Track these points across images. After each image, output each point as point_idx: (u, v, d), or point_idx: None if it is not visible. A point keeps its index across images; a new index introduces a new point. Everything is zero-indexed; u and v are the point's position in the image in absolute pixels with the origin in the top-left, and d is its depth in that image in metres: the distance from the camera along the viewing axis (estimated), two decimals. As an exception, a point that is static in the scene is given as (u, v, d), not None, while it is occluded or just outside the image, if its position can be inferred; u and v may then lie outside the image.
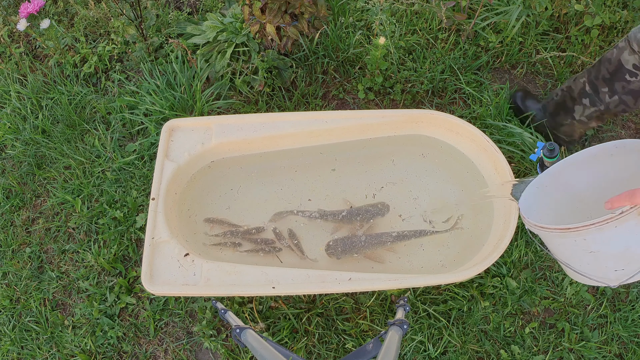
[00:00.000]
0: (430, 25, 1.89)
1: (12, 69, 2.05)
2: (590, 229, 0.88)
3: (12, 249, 1.73)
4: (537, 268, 1.52)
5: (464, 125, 1.49)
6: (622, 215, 0.84)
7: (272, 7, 1.68)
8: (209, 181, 1.57)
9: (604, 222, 0.86)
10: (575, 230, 0.90)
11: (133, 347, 1.54)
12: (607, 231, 0.87)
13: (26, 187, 1.84)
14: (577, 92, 1.50)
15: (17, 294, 1.66)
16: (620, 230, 0.86)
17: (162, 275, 1.34)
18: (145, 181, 1.73)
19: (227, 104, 1.83)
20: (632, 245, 0.88)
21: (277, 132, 1.53)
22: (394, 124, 1.54)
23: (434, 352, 1.43)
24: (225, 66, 1.82)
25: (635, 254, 0.89)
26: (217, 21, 1.86)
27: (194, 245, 1.45)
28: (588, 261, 0.96)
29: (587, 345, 1.42)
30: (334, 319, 1.49)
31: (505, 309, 1.47)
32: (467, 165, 1.54)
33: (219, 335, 1.50)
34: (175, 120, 1.57)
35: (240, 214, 1.54)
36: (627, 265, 0.91)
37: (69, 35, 2.07)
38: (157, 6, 2.09)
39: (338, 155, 1.58)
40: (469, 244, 1.46)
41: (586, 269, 0.98)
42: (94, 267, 1.64)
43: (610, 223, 0.85)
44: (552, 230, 0.95)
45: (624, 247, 0.89)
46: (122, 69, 1.99)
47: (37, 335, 1.59)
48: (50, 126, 1.89)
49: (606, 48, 1.79)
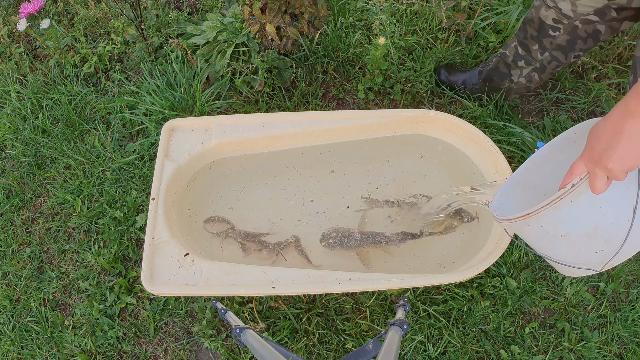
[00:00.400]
0: (430, 25, 1.89)
1: (12, 69, 2.05)
2: (548, 209, 0.86)
3: (12, 249, 1.73)
4: (537, 268, 1.52)
5: (464, 125, 1.49)
6: (574, 188, 0.83)
7: (272, 7, 1.68)
8: (209, 181, 1.57)
9: (557, 199, 0.84)
10: (535, 213, 0.88)
11: (133, 347, 1.54)
12: (566, 208, 0.85)
13: (26, 187, 1.84)
14: (512, 57, 1.56)
15: (17, 294, 1.66)
16: (579, 204, 0.85)
17: (162, 275, 1.34)
18: (145, 181, 1.73)
19: (227, 104, 1.83)
20: (599, 221, 0.86)
21: (277, 132, 1.53)
22: (394, 124, 1.54)
23: (434, 352, 1.43)
24: (225, 66, 1.82)
25: (608, 231, 0.87)
26: (217, 21, 1.86)
27: (194, 245, 1.45)
28: (565, 248, 0.94)
29: (587, 345, 1.42)
30: (334, 319, 1.49)
31: (505, 309, 1.47)
32: (467, 165, 1.54)
33: (219, 335, 1.50)
34: (175, 120, 1.57)
35: (242, 213, 1.54)
36: (605, 245, 0.89)
37: (69, 35, 2.07)
38: (157, 6, 2.09)
39: (338, 155, 1.58)
40: (469, 244, 1.46)
41: (567, 257, 0.96)
42: (94, 267, 1.64)
43: (564, 199, 0.84)
44: (515, 220, 0.94)
45: (592, 225, 0.87)
46: (122, 69, 1.99)
47: (37, 335, 1.59)
48: (50, 126, 1.89)
49: (606, 47, 1.79)
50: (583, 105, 1.74)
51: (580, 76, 1.80)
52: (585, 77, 1.79)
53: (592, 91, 1.75)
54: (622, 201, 0.84)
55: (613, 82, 1.76)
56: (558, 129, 1.68)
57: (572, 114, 1.74)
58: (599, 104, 1.75)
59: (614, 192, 0.84)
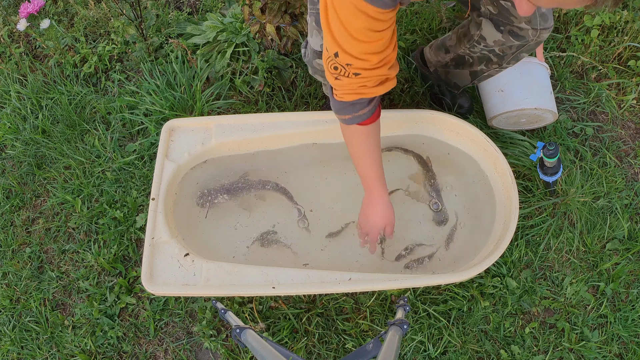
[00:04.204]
0: (430, 25, 1.89)
1: (12, 69, 2.05)
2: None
3: (12, 249, 1.73)
4: (537, 268, 1.52)
5: (464, 125, 1.49)
6: None
7: (272, 7, 1.68)
8: (210, 181, 1.57)
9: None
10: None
11: (133, 347, 1.54)
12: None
13: (26, 187, 1.84)
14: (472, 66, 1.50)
15: (17, 294, 1.66)
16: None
17: (162, 275, 1.34)
18: (145, 181, 1.73)
19: (227, 104, 1.83)
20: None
21: (277, 132, 1.53)
22: (394, 124, 1.54)
23: (434, 352, 1.43)
24: (225, 66, 1.82)
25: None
26: (217, 21, 1.86)
27: (195, 245, 1.45)
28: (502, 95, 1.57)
29: (587, 345, 1.42)
30: (334, 319, 1.49)
31: (505, 309, 1.47)
32: (467, 165, 1.54)
33: (219, 335, 1.50)
34: (175, 120, 1.57)
35: (243, 213, 1.54)
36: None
37: (69, 35, 2.07)
38: (157, 6, 2.09)
39: (338, 155, 1.58)
40: (469, 244, 1.46)
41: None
42: (94, 267, 1.64)
43: None
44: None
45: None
46: (122, 69, 1.99)
47: (37, 335, 1.59)
48: (50, 126, 1.90)
49: (606, 48, 1.80)
50: (583, 105, 1.74)
51: (580, 76, 1.80)
52: (585, 77, 1.79)
53: (592, 91, 1.75)
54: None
55: (613, 82, 1.76)
56: (558, 128, 1.68)
57: (572, 114, 1.74)
58: (599, 104, 1.75)
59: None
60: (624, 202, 1.58)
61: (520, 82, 1.56)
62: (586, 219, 1.55)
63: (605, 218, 1.56)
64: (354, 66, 1.05)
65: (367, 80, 1.10)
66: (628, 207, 1.58)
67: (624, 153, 1.68)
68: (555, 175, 1.46)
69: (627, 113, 1.73)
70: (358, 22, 0.97)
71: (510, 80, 1.56)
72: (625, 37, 1.78)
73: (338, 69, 1.07)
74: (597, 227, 1.55)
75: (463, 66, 1.49)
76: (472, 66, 1.46)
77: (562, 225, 1.56)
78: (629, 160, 1.66)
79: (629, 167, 1.65)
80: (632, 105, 1.74)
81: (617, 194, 1.59)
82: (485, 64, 1.42)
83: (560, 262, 1.53)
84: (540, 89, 1.56)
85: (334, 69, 1.08)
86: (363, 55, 1.04)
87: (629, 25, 1.78)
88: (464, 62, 1.47)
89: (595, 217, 1.56)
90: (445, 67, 1.56)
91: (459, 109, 1.67)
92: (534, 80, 1.56)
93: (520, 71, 1.56)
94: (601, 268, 1.50)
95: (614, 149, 1.67)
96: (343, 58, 1.04)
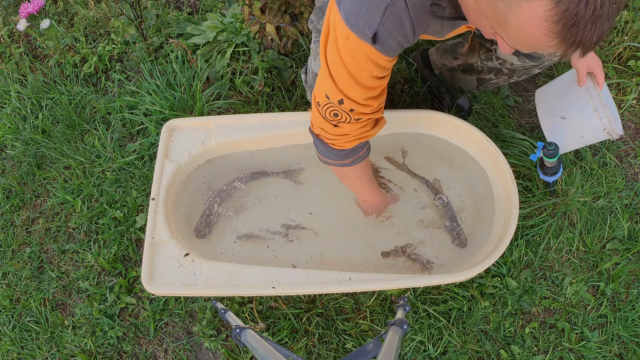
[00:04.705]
0: (430, 25, 1.89)
1: (12, 69, 2.05)
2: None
3: (12, 249, 1.73)
4: (537, 268, 1.52)
5: (464, 125, 1.49)
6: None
7: (272, 7, 1.68)
8: (210, 181, 1.57)
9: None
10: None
11: (133, 347, 1.54)
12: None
13: (26, 187, 1.84)
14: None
15: (17, 294, 1.66)
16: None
17: (162, 275, 1.35)
18: (145, 181, 1.73)
19: (227, 104, 1.83)
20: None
21: (277, 132, 1.53)
22: (394, 124, 1.54)
23: (434, 352, 1.43)
24: (225, 66, 1.82)
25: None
26: (217, 21, 1.86)
27: (194, 245, 1.45)
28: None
29: (587, 345, 1.42)
30: (334, 319, 1.49)
31: (505, 309, 1.47)
32: (467, 165, 1.54)
33: (219, 335, 1.50)
34: (175, 120, 1.57)
35: (244, 213, 1.54)
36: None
37: (69, 35, 2.07)
38: (157, 6, 2.09)
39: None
40: (469, 243, 1.46)
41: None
42: (94, 267, 1.64)
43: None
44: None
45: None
46: (122, 69, 1.99)
47: (37, 335, 1.59)
48: (50, 126, 1.90)
49: (606, 48, 1.80)
50: (583, 105, 1.74)
51: (580, 76, 1.80)
52: (585, 77, 1.79)
53: (592, 91, 1.75)
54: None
55: (613, 82, 1.76)
56: (558, 129, 1.68)
57: (572, 114, 1.74)
58: (599, 104, 1.75)
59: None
60: (624, 202, 1.58)
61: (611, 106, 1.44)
62: (586, 219, 1.56)
63: (605, 218, 1.56)
64: (357, 111, 1.05)
65: (366, 124, 1.11)
66: (628, 207, 1.58)
67: (624, 153, 1.68)
68: (555, 175, 1.46)
69: (627, 113, 1.73)
70: (367, 71, 0.97)
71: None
72: (625, 37, 1.78)
73: (339, 115, 1.06)
74: (597, 227, 1.55)
75: (471, 73, 1.49)
76: (481, 74, 1.46)
77: (562, 225, 1.56)
78: (629, 160, 1.66)
79: (629, 167, 1.65)
80: (632, 105, 1.74)
81: (617, 194, 1.59)
82: (495, 74, 1.42)
83: (560, 262, 1.53)
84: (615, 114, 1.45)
85: (334, 115, 1.07)
86: (366, 101, 1.04)
87: (629, 25, 1.78)
88: (472, 70, 1.48)
89: (595, 217, 1.56)
90: (451, 71, 1.56)
91: (459, 111, 1.67)
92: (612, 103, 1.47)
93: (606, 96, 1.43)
94: (601, 268, 1.50)
95: (614, 149, 1.67)
96: (347, 105, 1.03)
